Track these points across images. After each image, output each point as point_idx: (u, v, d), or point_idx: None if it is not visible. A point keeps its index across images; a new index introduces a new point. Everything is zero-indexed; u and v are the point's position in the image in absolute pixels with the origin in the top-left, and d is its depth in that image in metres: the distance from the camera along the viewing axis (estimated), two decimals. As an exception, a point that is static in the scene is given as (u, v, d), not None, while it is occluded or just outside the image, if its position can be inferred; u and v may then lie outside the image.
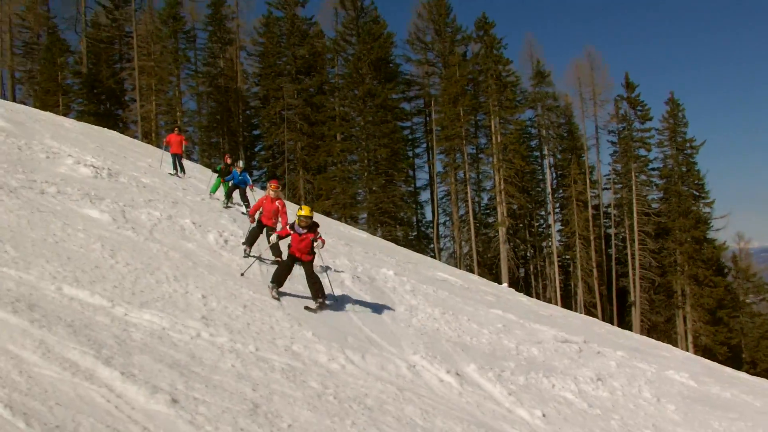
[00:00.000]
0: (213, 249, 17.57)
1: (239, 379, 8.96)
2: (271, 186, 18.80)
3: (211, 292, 13.31)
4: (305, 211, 15.07)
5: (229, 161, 28.98)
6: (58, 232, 13.86)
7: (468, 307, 21.89)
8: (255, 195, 28.30)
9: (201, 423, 7.10)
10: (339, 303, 16.14)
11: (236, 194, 27.16)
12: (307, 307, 14.66)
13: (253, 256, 17.73)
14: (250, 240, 18.17)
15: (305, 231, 14.99)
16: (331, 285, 16.44)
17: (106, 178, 22.29)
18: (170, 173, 31.61)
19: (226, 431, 7.12)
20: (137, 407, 7.01)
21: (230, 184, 26.90)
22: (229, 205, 26.73)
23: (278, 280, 14.97)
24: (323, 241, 15.35)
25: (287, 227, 15.28)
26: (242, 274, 16.17)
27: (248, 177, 27.33)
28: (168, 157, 33.24)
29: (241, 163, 27.21)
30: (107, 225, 16.07)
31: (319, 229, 14.99)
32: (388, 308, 17.45)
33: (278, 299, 14.40)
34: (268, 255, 18.23)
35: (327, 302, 15.20)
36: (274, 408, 8.30)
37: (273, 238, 15.69)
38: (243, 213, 25.28)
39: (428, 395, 11.44)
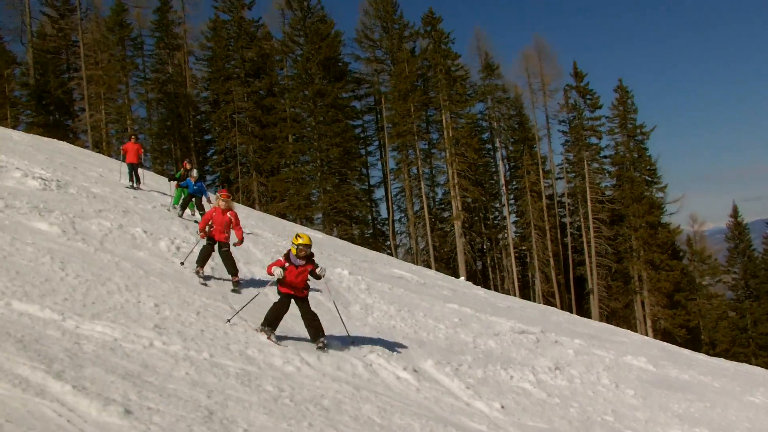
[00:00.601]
0: (165, 257, 17.48)
1: (194, 387, 8.92)
2: (221, 196, 17.55)
3: (163, 300, 13.23)
4: (304, 239, 13.64)
5: (188, 167, 27.74)
6: (6, 246, 13.72)
7: (424, 303, 21.93)
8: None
9: (155, 433, 7.07)
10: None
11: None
12: (320, 346, 13.03)
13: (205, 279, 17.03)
14: (202, 260, 16.98)
15: (303, 263, 13.63)
16: (341, 316, 15.53)
17: (55, 189, 22.10)
18: (127, 186, 30.35)
19: (181, 439, 7.08)
20: (90, 420, 6.96)
21: (186, 193, 26.30)
22: (183, 216, 25.85)
23: (273, 322, 13.30)
24: (323, 269, 14.07)
25: (282, 258, 13.61)
26: (182, 263, 16.21)
27: (204, 187, 26.68)
28: (125, 168, 31.75)
29: (195, 173, 26.31)
30: (57, 237, 15.93)
31: (308, 252, 13.79)
32: (343, 308, 17.44)
33: (277, 343, 12.98)
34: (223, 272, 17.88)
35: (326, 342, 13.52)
36: (229, 414, 8.28)
37: (277, 272, 13.31)
38: (197, 222, 24.63)
39: (385, 393, 11.45)
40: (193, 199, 26.18)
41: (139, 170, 32.10)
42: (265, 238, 26.93)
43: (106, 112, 76.46)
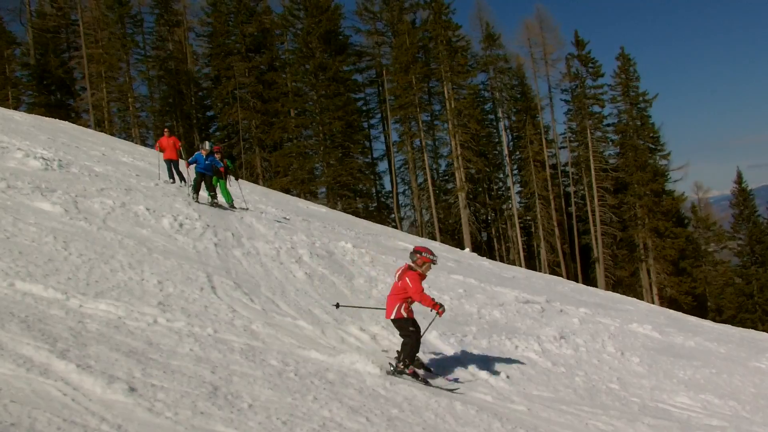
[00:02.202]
0: (168, 234, 17.46)
1: (198, 363, 8.93)
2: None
3: (167, 277, 13.23)
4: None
5: (218, 156, 26.00)
6: (9, 227, 13.71)
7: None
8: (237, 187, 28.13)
9: (160, 409, 7.07)
10: (297, 279, 16.11)
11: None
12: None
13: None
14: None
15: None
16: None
17: (57, 169, 22.08)
18: (166, 181, 28.11)
19: (186, 415, 7.08)
20: (94, 398, 6.96)
21: (195, 171, 24.73)
22: (198, 200, 24.00)
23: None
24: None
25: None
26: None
27: (217, 160, 25.37)
28: (164, 164, 29.52)
29: (207, 145, 25.09)
30: (59, 217, 15.91)
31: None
32: (347, 281, 17.47)
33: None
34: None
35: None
36: (234, 389, 8.28)
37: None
38: (213, 204, 24.25)
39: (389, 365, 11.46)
40: (204, 180, 24.48)
41: (181, 165, 29.31)
42: (268, 213, 26.92)
43: (108, 90, 76.45)
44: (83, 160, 27.00)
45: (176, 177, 28.55)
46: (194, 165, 24.68)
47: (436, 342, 13.66)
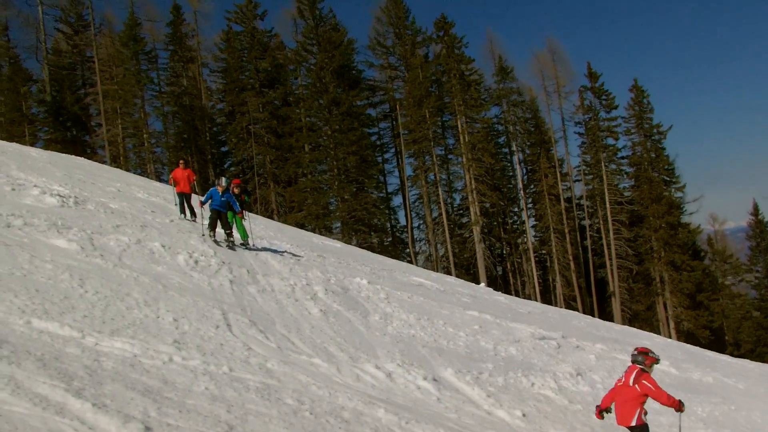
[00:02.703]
0: (183, 271, 17.47)
1: (213, 401, 8.92)
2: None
3: (182, 314, 13.24)
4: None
5: (236, 190, 24.95)
6: (26, 264, 13.74)
7: (444, 311, 21.89)
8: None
9: (175, 449, 7.06)
10: (313, 316, 16.10)
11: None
12: None
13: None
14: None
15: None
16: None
17: (73, 206, 22.15)
18: (181, 218, 27.24)
19: (201, 455, 7.07)
20: (110, 438, 6.96)
21: (209, 208, 23.26)
22: (215, 238, 22.91)
23: None
24: None
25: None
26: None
27: (233, 198, 23.60)
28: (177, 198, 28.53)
29: (223, 181, 23.42)
30: (75, 254, 15.95)
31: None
32: (363, 317, 17.44)
33: None
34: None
35: None
36: (249, 428, 8.27)
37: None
38: (229, 244, 23.01)
39: (406, 403, 11.44)
40: (220, 217, 23.05)
41: (193, 200, 28.33)
42: (283, 249, 26.93)
43: (123, 126, 76.64)
44: (99, 197, 27.06)
45: (187, 212, 27.62)
46: (209, 203, 23.17)
47: (452, 379, 13.62)
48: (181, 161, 29.15)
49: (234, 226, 24.12)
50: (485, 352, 17.13)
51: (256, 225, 28.29)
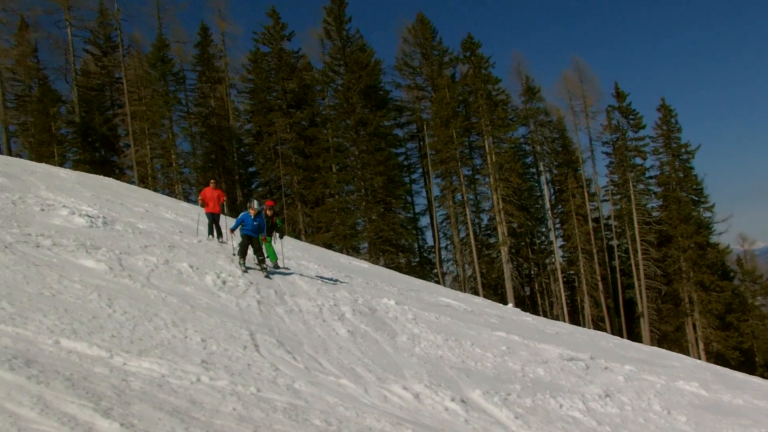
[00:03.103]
0: (211, 291, 17.52)
1: (240, 422, 8.91)
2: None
3: (210, 335, 13.26)
4: None
5: (269, 213, 24.15)
6: (55, 284, 13.82)
7: (471, 332, 21.83)
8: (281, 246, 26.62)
9: (203, 470, 7.06)
10: (340, 336, 16.08)
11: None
12: None
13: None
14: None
15: None
16: None
17: (101, 226, 22.26)
18: (209, 239, 26.54)
19: (229, 476, 7.06)
20: (138, 458, 6.97)
21: (240, 233, 22.23)
22: (246, 265, 21.78)
23: None
24: None
25: None
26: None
27: (264, 221, 22.63)
28: (204, 218, 27.86)
29: (255, 204, 22.28)
30: (104, 274, 16.03)
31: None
32: (390, 338, 17.42)
33: None
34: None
35: None
36: (277, 449, 8.25)
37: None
38: (263, 270, 21.90)
39: (433, 424, 11.39)
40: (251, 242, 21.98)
41: (221, 221, 27.66)
42: (311, 269, 26.93)
43: (151, 147, 76.95)
44: (127, 217, 27.18)
45: (215, 233, 26.88)
46: (240, 227, 22.14)
47: (479, 401, 13.57)
48: (211, 181, 28.38)
49: (264, 248, 22.60)
50: (513, 373, 17.07)
51: (284, 245, 28.19)
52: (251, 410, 9.54)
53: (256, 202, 22.45)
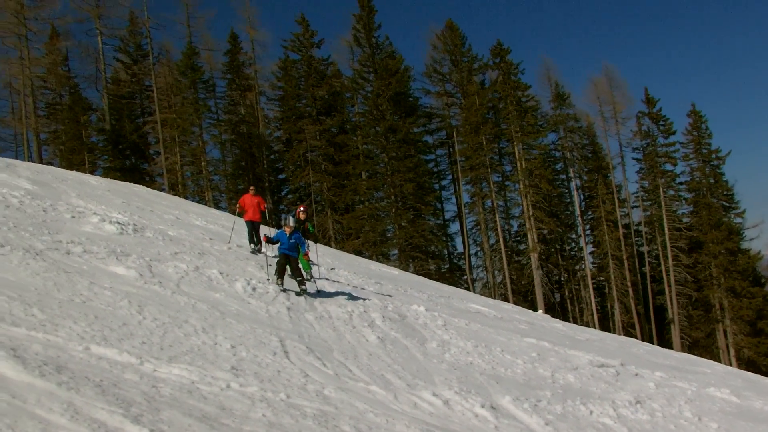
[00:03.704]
0: (241, 297, 17.54)
1: (270, 428, 8.90)
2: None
3: (240, 341, 13.27)
4: None
5: (302, 216, 23.36)
6: (85, 291, 13.88)
7: (501, 338, 21.77)
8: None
9: (232, 476, 7.06)
10: (370, 343, 16.07)
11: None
12: None
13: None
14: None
15: None
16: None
17: (131, 233, 22.36)
18: (252, 250, 25.36)
19: (258, 482, 7.06)
20: (167, 464, 6.97)
21: (277, 252, 20.48)
22: (284, 287, 19.98)
23: None
24: None
25: None
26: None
27: (303, 238, 20.93)
28: (242, 227, 27.45)
29: (291, 220, 20.56)
30: (134, 281, 16.08)
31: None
32: (420, 345, 17.39)
33: None
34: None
35: None
36: (306, 455, 8.25)
37: None
38: (302, 293, 19.97)
39: (463, 430, 11.36)
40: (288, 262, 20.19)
41: (261, 230, 26.42)
42: (340, 276, 26.93)
43: (181, 154, 77.26)
44: (157, 224, 27.28)
45: (255, 241, 25.69)
46: (276, 245, 20.62)
47: (509, 407, 13.52)
48: (251, 187, 27.22)
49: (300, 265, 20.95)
50: (543, 380, 17.01)
51: (313, 252, 28.00)
52: (281, 416, 9.54)
53: (291, 219, 20.74)
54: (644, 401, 16.54)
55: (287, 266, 20.23)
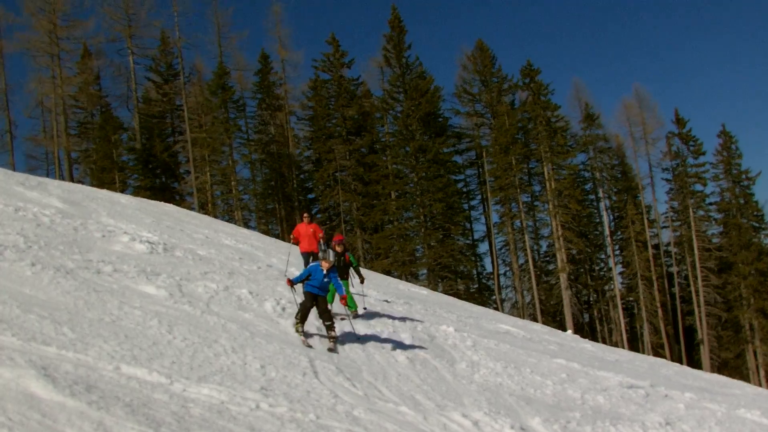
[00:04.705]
0: (270, 317, 17.55)
1: (299, 449, 8.92)
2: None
3: (269, 361, 13.28)
4: None
5: (338, 249, 19.21)
6: (115, 310, 13.94)
7: (531, 359, 21.70)
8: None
9: (262, 497, 7.06)
10: (399, 364, 16.05)
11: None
12: None
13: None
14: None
15: None
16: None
17: (161, 252, 22.44)
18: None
19: (288, 503, 7.06)
20: (197, 485, 6.98)
21: (303, 290, 16.95)
22: (305, 332, 16.68)
23: None
24: None
25: None
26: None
27: (338, 280, 17.49)
28: (297, 259, 25.13)
29: (331, 255, 16.99)
30: (164, 300, 16.13)
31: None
32: (449, 365, 17.35)
33: None
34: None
35: None
36: (335, 476, 8.25)
37: None
38: (331, 340, 16.60)
39: (493, 452, 11.33)
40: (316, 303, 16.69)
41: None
42: (370, 296, 26.91)
43: (211, 173, 77.63)
44: (187, 243, 27.37)
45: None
46: (302, 282, 16.95)
47: (539, 428, 13.47)
48: (305, 214, 24.82)
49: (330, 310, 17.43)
50: (573, 401, 16.94)
51: (364, 292, 25.74)
52: (310, 437, 9.55)
53: (332, 253, 17.19)
54: (674, 423, 16.44)
55: (314, 308, 16.82)
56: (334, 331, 16.57)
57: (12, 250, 17.12)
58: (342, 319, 18.66)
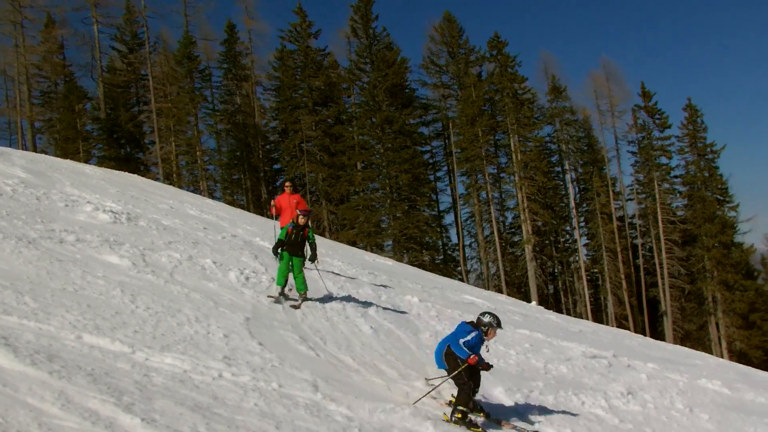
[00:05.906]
0: (235, 287, 17.51)
1: (262, 418, 8.92)
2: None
3: (233, 330, 13.27)
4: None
5: (301, 221, 17.50)
6: (78, 280, 13.88)
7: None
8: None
9: (224, 465, 7.06)
10: (363, 333, 16.06)
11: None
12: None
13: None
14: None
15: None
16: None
17: (125, 222, 22.31)
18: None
19: (250, 471, 7.06)
20: (159, 453, 6.97)
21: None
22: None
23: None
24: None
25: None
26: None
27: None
28: (279, 231, 19.81)
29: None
30: (127, 270, 16.07)
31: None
32: (413, 335, 17.38)
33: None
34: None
35: None
36: (298, 445, 8.26)
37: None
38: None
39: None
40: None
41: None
42: (335, 266, 26.89)
43: (176, 144, 77.24)
44: (151, 213, 27.24)
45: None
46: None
47: (501, 397, 13.56)
48: (287, 184, 22.88)
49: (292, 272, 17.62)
50: (536, 371, 17.03)
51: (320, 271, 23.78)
52: (273, 406, 9.57)
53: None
54: (636, 392, 16.56)
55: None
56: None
57: (-27, 220, 17.01)
58: (294, 307, 17.07)
